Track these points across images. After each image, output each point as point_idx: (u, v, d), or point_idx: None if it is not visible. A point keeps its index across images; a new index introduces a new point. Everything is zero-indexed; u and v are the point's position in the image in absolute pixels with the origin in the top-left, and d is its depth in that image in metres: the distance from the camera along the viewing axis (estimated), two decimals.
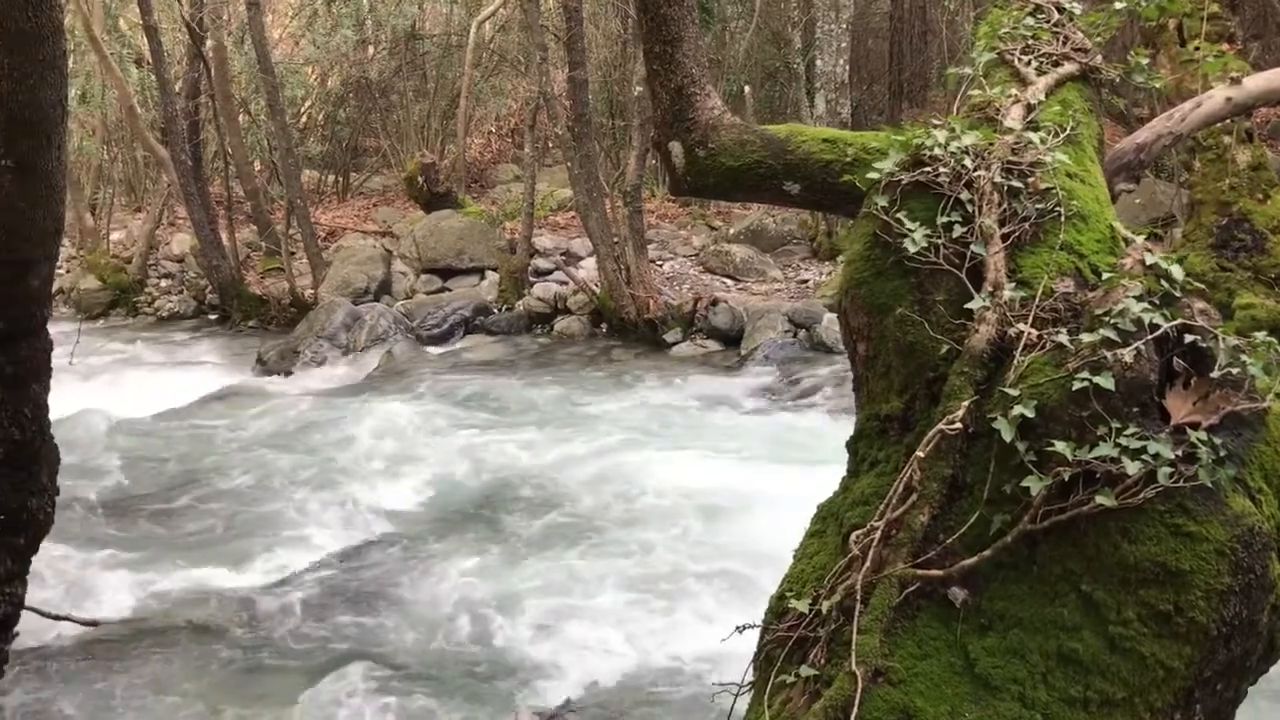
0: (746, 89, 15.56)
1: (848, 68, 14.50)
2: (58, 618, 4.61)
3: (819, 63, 14.50)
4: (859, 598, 2.05)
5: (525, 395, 10.23)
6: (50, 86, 2.67)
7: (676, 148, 2.86)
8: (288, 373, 11.62)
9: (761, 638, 2.29)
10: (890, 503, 2.12)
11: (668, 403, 9.85)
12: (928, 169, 2.41)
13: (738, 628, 2.37)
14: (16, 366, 3.09)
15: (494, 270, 14.22)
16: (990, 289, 2.24)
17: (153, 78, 14.86)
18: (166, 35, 15.53)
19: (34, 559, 3.47)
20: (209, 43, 14.26)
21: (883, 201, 2.40)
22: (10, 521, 3.25)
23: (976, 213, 2.34)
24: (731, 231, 14.85)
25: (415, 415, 9.52)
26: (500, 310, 13.48)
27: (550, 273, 13.93)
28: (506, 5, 18.12)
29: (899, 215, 2.36)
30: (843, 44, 14.26)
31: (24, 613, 3.47)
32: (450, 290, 14.17)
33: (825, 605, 2.11)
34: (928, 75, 18.19)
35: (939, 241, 2.32)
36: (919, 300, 2.32)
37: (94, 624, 5.36)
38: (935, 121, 2.54)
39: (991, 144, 2.46)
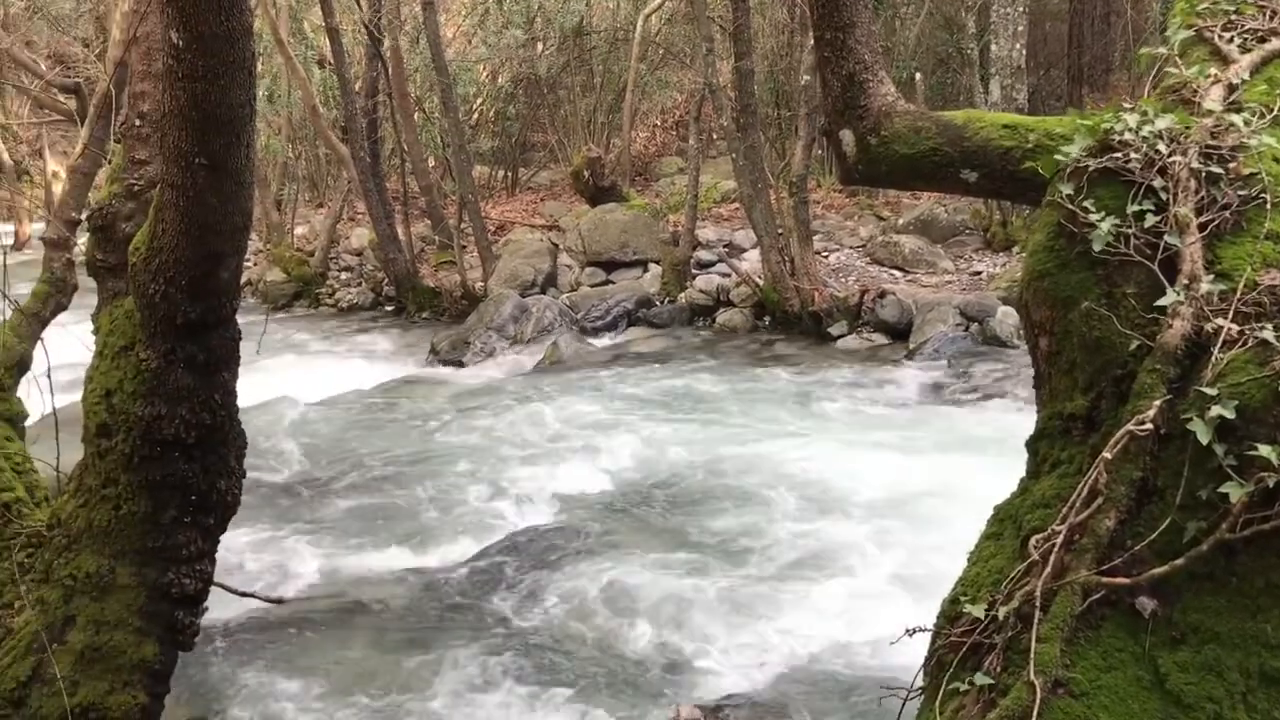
0: (917, 76, 15.15)
1: (1024, 52, 13.96)
2: (244, 594, 4.85)
3: (994, 47, 14.02)
4: (1038, 604, 1.96)
5: (687, 388, 10.23)
6: (240, 87, 2.77)
7: (847, 136, 2.80)
8: (459, 363, 11.95)
9: (933, 642, 2.22)
10: (1073, 506, 2.02)
11: (833, 397, 9.69)
12: (1117, 155, 2.28)
13: (908, 630, 2.30)
14: (207, 355, 3.25)
15: (657, 263, 14.28)
16: (1186, 281, 2.10)
17: (334, 78, 15.46)
18: (347, 36, 16.14)
19: (221, 538, 3.65)
20: (386, 43, 14.75)
21: (1068, 189, 2.29)
22: (200, 502, 3.42)
23: (1171, 201, 2.20)
24: (900, 222, 14.51)
25: (579, 407, 9.65)
26: (662, 303, 13.53)
27: (713, 265, 13.89)
28: None
29: (1085, 204, 2.24)
30: (1019, 27, 13.74)
31: (212, 589, 3.65)
32: (613, 283, 14.30)
33: (1002, 611, 2.02)
34: (1110, 58, 17.36)
35: (1129, 231, 2.19)
36: (1106, 293, 2.20)
37: (278, 601, 5.63)
38: (1125, 105, 2.40)
39: (1188, 127, 2.31)
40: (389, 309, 15.30)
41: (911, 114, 2.83)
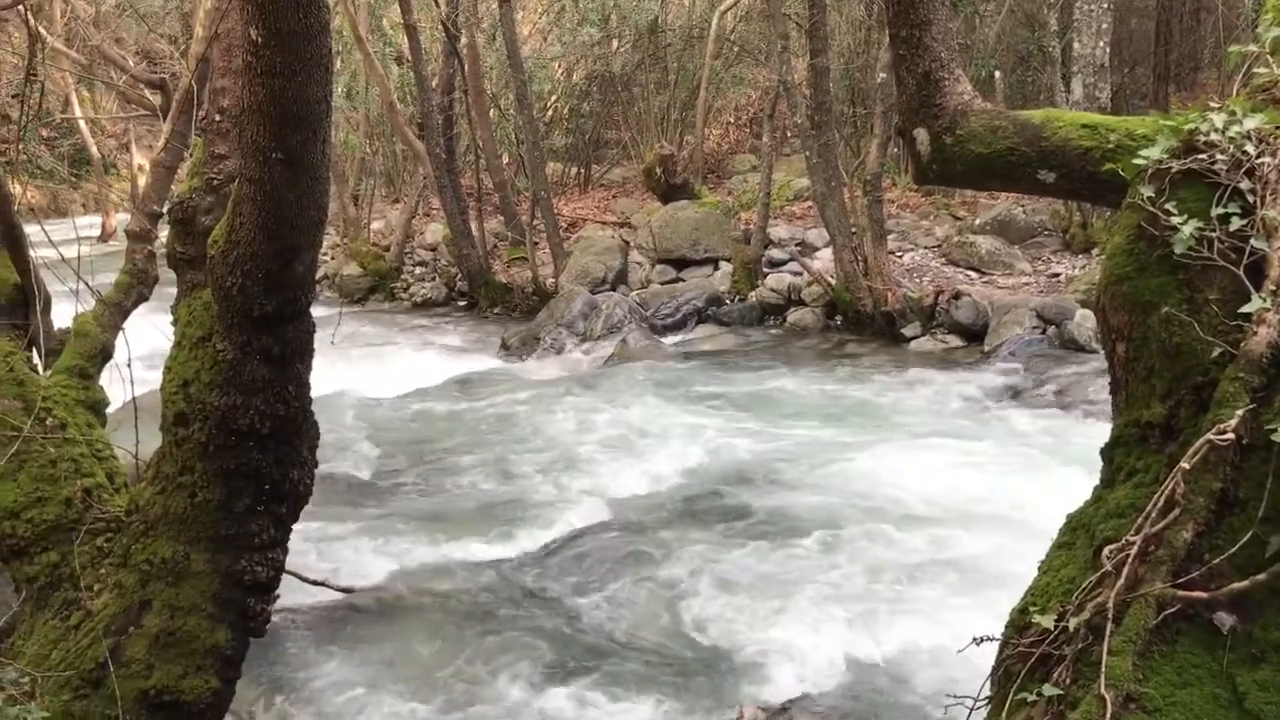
0: (996, 74, 14.90)
1: (1108, 50, 13.64)
2: (315, 583, 4.94)
3: (1076, 45, 13.73)
4: (1110, 616, 1.91)
5: (757, 387, 10.19)
6: (317, 84, 2.80)
7: (922, 134, 2.75)
8: (528, 358, 12.03)
9: (1001, 651, 2.18)
10: (1149, 516, 1.97)
11: (904, 399, 9.58)
12: (1202, 156, 2.21)
13: (975, 639, 2.26)
14: (283, 347, 3.30)
15: (727, 261, 14.23)
16: (1273, 287, 2.03)
17: (412, 75, 15.66)
18: (425, 33, 16.33)
19: (293, 527, 3.71)
20: (463, 40, 14.89)
21: (1149, 191, 2.23)
22: (274, 491, 3.48)
23: (1259, 204, 2.13)
24: (977, 222, 14.28)
25: (647, 404, 9.65)
26: (733, 301, 13.47)
27: (784, 263, 13.81)
28: None
29: (1167, 206, 2.18)
30: (1104, 24, 13.43)
31: (284, 577, 3.72)
32: (684, 280, 14.28)
33: (1073, 622, 1.98)
34: (1198, 56, 16.91)
35: (1213, 235, 2.13)
36: (1188, 299, 2.13)
37: (348, 590, 5.73)
38: (1212, 104, 2.33)
39: (1279, 128, 2.23)
40: (461, 304, 15.45)
41: (988, 113, 2.78)
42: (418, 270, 16.58)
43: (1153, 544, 1.95)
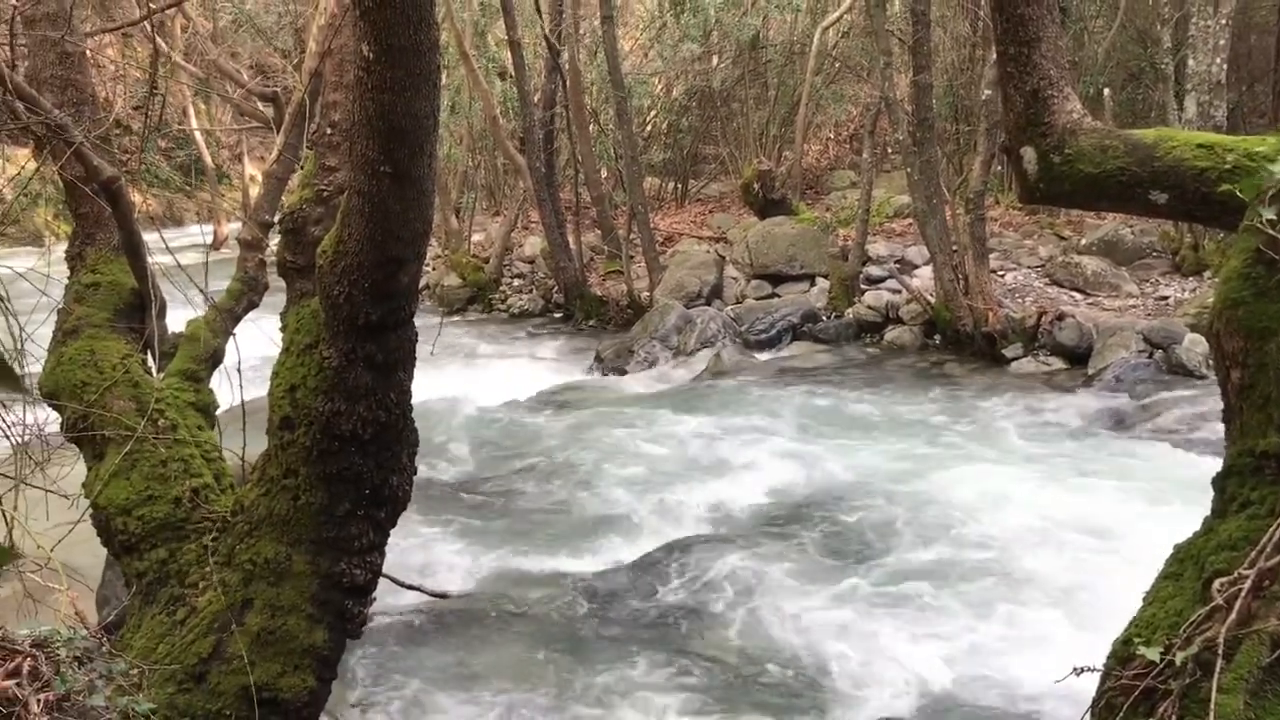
0: (1105, 91, 14.56)
1: (1225, 67, 13.23)
2: (410, 587, 5.00)
3: (1191, 62, 13.34)
4: (1220, 652, 1.84)
5: (852, 406, 10.08)
6: (425, 98, 2.85)
7: (1029, 153, 2.70)
8: (622, 371, 12.08)
9: (1102, 683, 2.12)
10: (1264, 550, 1.90)
11: (1003, 422, 9.39)
12: None
13: (1075, 669, 2.20)
14: (386, 355, 3.36)
15: (824, 277, 14.12)
16: None
17: (514, 90, 15.87)
18: (528, 49, 16.55)
19: (391, 532, 3.77)
20: (565, 56, 15.06)
21: (1269, 214, 2.15)
22: (373, 496, 3.54)
23: None
24: (1083, 242, 13.95)
25: (738, 420, 9.62)
26: (829, 318, 13.36)
27: (883, 281, 13.65)
28: (851, 11, 17.98)
29: None
30: (1221, 40, 13.02)
31: (381, 580, 3.78)
32: (779, 296, 14.21)
33: (1179, 656, 1.92)
34: None
35: None
36: None
37: (442, 595, 5.80)
38: None
39: None
40: (557, 316, 15.60)
41: (1098, 131, 2.72)
42: (515, 282, 16.78)
43: (1267, 579, 1.88)
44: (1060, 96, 2.71)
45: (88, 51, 4.80)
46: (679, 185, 20.39)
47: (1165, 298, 12.42)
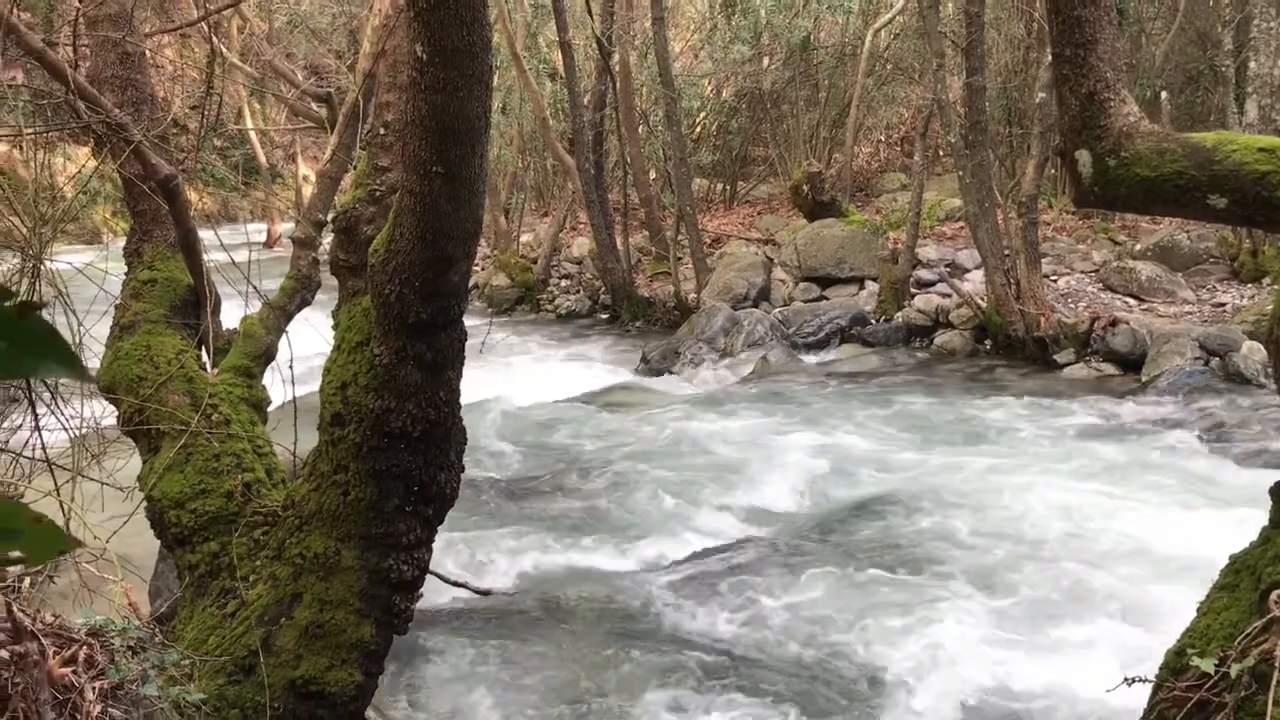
0: (1163, 95, 14.33)
1: None
2: (456, 584, 5.04)
3: (1252, 64, 13.10)
4: (1278, 665, 1.81)
5: (900, 410, 10.01)
6: (477, 100, 2.88)
7: (1084, 156, 2.67)
8: (668, 372, 12.08)
9: (1154, 694, 2.09)
10: None
11: (1054, 428, 9.27)
12: None
13: (1126, 679, 2.17)
14: (436, 354, 3.39)
15: (873, 280, 14.03)
16: None
17: (565, 91, 15.94)
18: (579, 50, 16.61)
19: (439, 529, 3.80)
20: (616, 57, 15.09)
21: None
22: (422, 493, 3.57)
23: None
24: (1138, 247, 13.74)
25: (784, 422, 9.58)
26: (878, 321, 13.27)
27: (933, 284, 13.53)
28: (904, 12, 17.85)
29: None
30: None
31: (427, 577, 3.81)
32: (827, 299, 14.14)
33: (1235, 668, 1.88)
34: None
35: None
36: None
37: (487, 593, 5.82)
38: None
39: None
40: (604, 317, 15.63)
41: (1155, 135, 2.68)
42: (563, 283, 16.85)
43: None
44: (1117, 99, 2.67)
45: (147, 52, 4.88)
46: (727, 187, 20.36)
47: (1222, 304, 12.20)
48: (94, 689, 2.46)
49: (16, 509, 0.72)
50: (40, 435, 3.41)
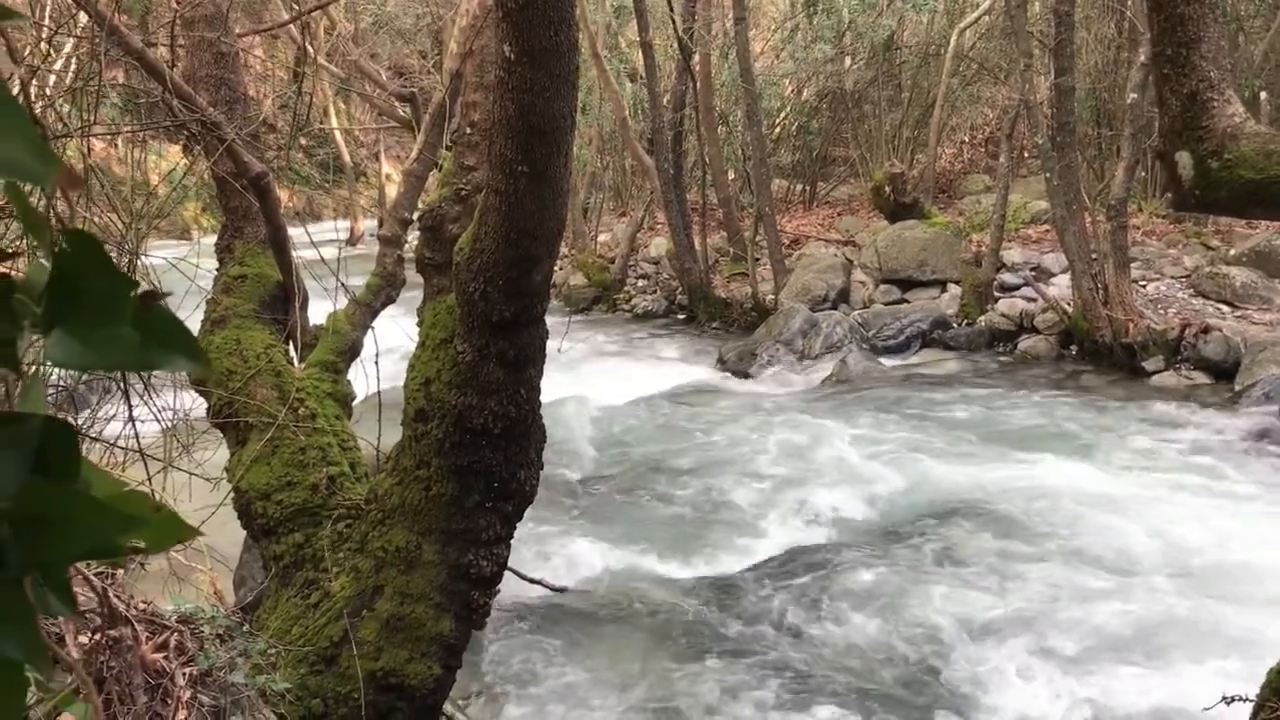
0: (1263, 94, 13.90)
1: None
2: (532, 581, 5.08)
3: None
4: None
5: (982, 416, 9.84)
6: (563, 99, 2.88)
7: (1185, 158, 2.59)
8: (745, 374, 12.02)
9: (1255, 714, 2.02)
10: None
11: (1142, 437, 9.03)
12: None
13: (1224, 698, 2.10)
14: (518, 352, 3.40)
15: (956, 283, 13.81)
16: None
17: (645, 91, 15.96)
18: (659, 50, 16.62)
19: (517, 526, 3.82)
20: (696, 57, 15.06)
21: None
22: (501, 489, 3.60)
23: None
24: (1232, 253, 13.33)
25: (862, 427, 9.48)
26: (960, 325, 13.05)
27: (1017, 288, 13.27)
28: (990, 12, 17.56)
29: None
30: None
31: (505, 573, 3.83)
32: (908, 302, 13.95)
33: None
34: None
35: None
36: None
37: (562, 590, 5.86)
38: None
39: None
40: (680, 317, 15.62)
41: (1261, 136, 2.59)
42: (640, 283, 16.87)
43: None
44: (1221, 99, 2.59)
45: (239, 52, 4.99)
46: (807, 188, 20.21)
47: None
48: (184, 674, 2.51)
49: (139, 498, 0.73)
50: (134, 425, 3.49)
